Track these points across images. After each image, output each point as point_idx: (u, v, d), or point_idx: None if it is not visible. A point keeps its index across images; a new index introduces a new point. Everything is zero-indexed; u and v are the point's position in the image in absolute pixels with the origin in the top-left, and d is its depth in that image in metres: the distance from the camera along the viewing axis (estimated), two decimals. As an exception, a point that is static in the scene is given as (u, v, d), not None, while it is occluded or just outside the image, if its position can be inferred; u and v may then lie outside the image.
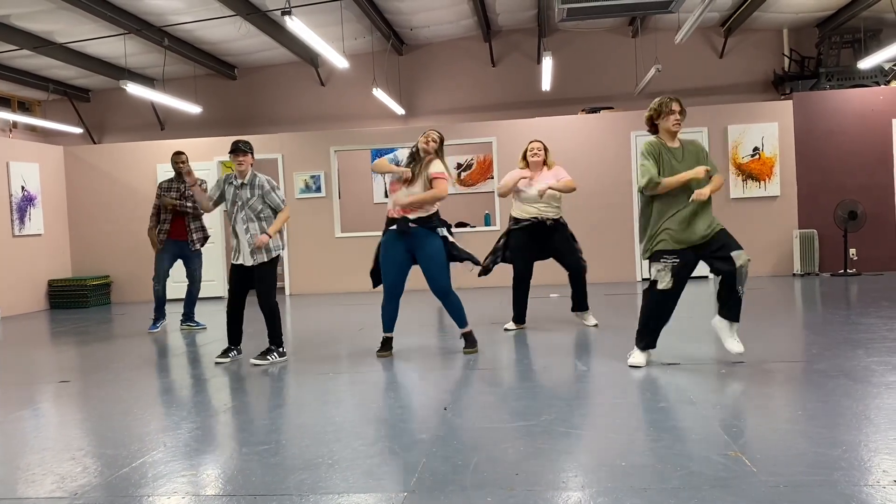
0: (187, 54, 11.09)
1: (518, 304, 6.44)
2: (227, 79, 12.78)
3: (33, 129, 13.04)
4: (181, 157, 7.39)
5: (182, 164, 7.38)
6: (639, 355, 4.70)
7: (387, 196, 5.35)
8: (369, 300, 9.37)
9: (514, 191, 6.26)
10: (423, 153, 5.33)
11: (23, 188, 10.37)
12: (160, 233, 7.30)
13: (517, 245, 6.26)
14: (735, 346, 4.52)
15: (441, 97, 12.40)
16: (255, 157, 5.55)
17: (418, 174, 5.25)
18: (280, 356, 5.47)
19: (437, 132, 5.42)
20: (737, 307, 4.52)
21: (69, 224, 11.36)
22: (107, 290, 11.16)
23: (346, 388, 4.61)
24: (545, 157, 6.27)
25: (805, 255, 10.02)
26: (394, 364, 5.21)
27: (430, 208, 5.28)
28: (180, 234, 7.31)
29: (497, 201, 10.69)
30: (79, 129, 12.74)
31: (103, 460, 3.27)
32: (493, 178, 10.94)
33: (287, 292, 11.00)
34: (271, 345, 5.47)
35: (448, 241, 5.35)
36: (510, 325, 6.51)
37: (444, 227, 5.35)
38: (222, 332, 7.12)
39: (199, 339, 6.98)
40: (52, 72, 11.78)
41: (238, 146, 5.42)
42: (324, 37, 8.44)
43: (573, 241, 6.34)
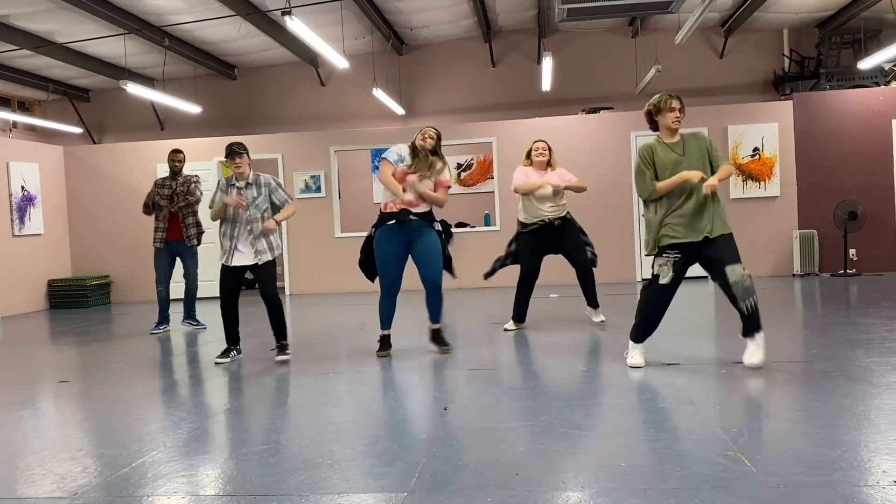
0: (187, 54, 11.09)
1: (520, 304, 6.45)
2: (227, 79, 12.78)
3: (33, 129, 13.04)
4: (178, 155, 7.39)
5: (179, 162, 7.39)
6: (637, 355, 4.69)
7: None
8: (369, 300, 9.36)
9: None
10: (421, 150, 5.33)
11: (23, 188, 10.37)
12: (157, 239, 7.28)
13: (526, 248, 6.31)
14: (747, 359, 4.38)
15: (441, 97, 12.39)
16: (251, 156, 5.54)
17: (427, 174, 5.27)
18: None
19: (435, 129, 5.42)
20: (748, 322, 4.40)
21: (69, 224, 11.36)
22: (107, 290, 11.16)
23: (346, 388, 4.62)
24: (550, 157, 6.31)
25: (805, 256, 10.02)
26: (394, 364, 5.22)
27: (426, 206, 5.32)
28: (176, 235, 7.30)
29: (497, 201, 10.69)
30: (79, 129, 12.74)
31: (103, 460, 3.27)
32: (492, 178, 10.94)
33: (287, 292, 11.00)
34: (282, 340, 5.53)
35: (442, 237, 5.39)
36: (510, 324, 6.51)
37: (439, 224, 5.40)
38: (222, 331, 7.14)
39: (199, 339, 6.97)
40: (52, 72, 11.78)
41: (233, 149, 5.36)
42: (324, 37, 8.43)
43: (582, 238, 6.36)
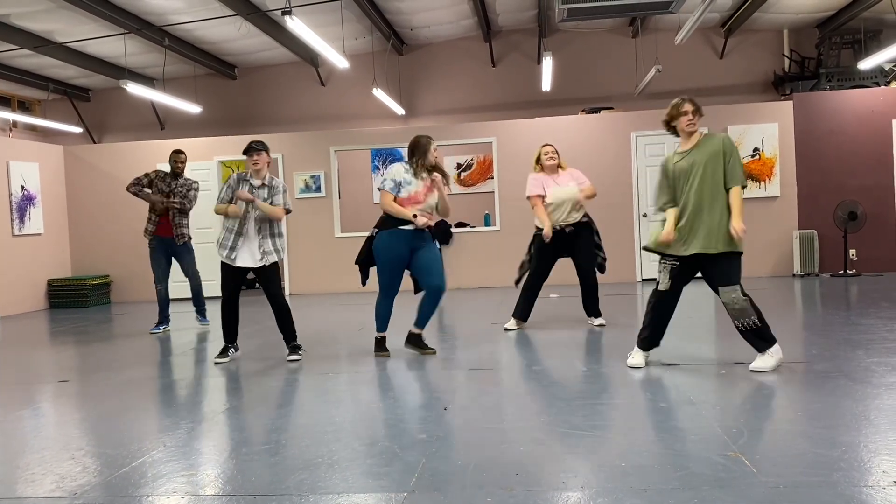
0: (187, 54, 11.09)
1: (525, 301, 6.47)
2: (228, 79, 12.78)
3: (33, 129, 13.03)
4: (181, 156, 7.37)
5: (182, 163, 7.37)
6: (638, 355, 4.69)
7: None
8: (369, 300, 9.35)
9: (547, 189, 6.37)
10: (428, 163, 5.37)
11: (23, 187, 10.36)
12: (147, 231, 7.27)
13: (539, 249, 6.38)
14: (752, 364, 4.37)
15: (441, 97, 12.39)
16: (270, 153, 5.52)
17: (433, 185, 5.36)
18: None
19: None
20: (750, 340, 4.38)
21: (69, 224, 11.35)
22: (107, 290, 11.16)
23: (345, 388, 4.62)
24: (559, 159, 6.39)
25: (805, 256, 10.02)
26: (394, 364, 5.22)
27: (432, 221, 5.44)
28: (167, 231, 7.26)
29: (497, 202, 10.69)
30: (79, 129, 12.73)
31: (103, 460, 3.27)
32: (492, 178, 10.93)
33: (287, 292, 10.99)
34: (293, 341, 5.54)
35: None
36: (510, 323, 6.51)
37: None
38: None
39: (200, 338, 6.97)
40: (52, 71, 11.77)
41: (251, 146, 5.41)
42: (324, 37, 8.43)
43: (594, 244, 6.36)
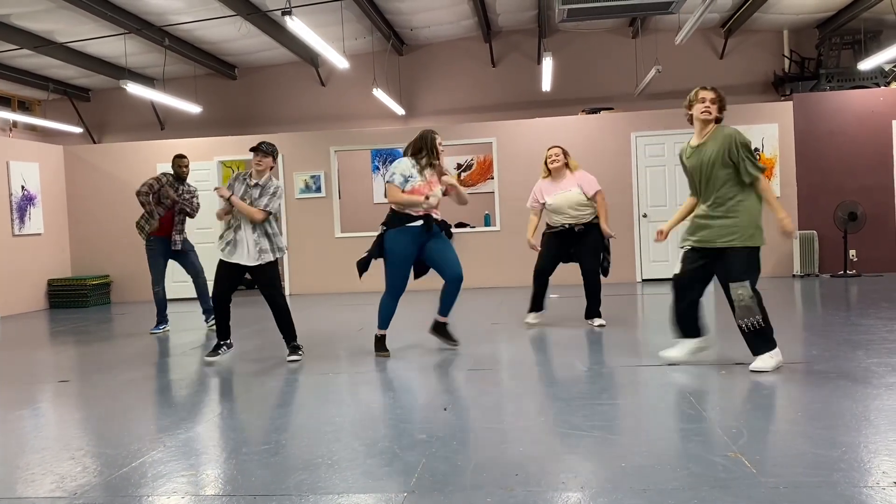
0: (187, 54, 11.09)
1: (535, 296, 6.55)
2: (228, 79, 12.78)
3: (33, 129, 13.03)
4: (185, 160, 7.31)
5: (186, 167, 7.33)
6: (674, 347, 4.69)
7: (386, 196, 5.37)
8: (369, 300, 9.35)
9: (542, 200, 6.42)
10: (438, 158, 5.41)
11: (23, 187, 10.36)
12: (145, 230, 7.20)
13: (546, 245, 6.46)
14: (755, 364, 4.36)
15: (441, 97, 12.40)
16: (276, 159, 5.51)
17: (435, 178, 5.38)
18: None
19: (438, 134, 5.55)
20: (748, 341, 4.36)
21: (69, 224, 11.35)
22: (106, 290, 11.15)
23: (345, 388, 4.61)
24: (566, 160, 6.36)
25: (805, 257, 10.02)
26: (393, 364, 5.22)
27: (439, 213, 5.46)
28: (167, 231, 7.21)
29: (497, 202, 10.68)
30: (79, 129, 12.73)
31: (103, 460, 3.27)
32: (492, 178, 10.93)
33: (287, 292, 10.98)
34: (293, 341, 5.53)
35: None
36: (530, 317, 6.56)
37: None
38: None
39: (200, 338, 6.97)
40: (53, 71, 11.78)
41: (259, 146, 5.41)
42: (324, 37, 8.43)
43: (600, 246, 6.32)
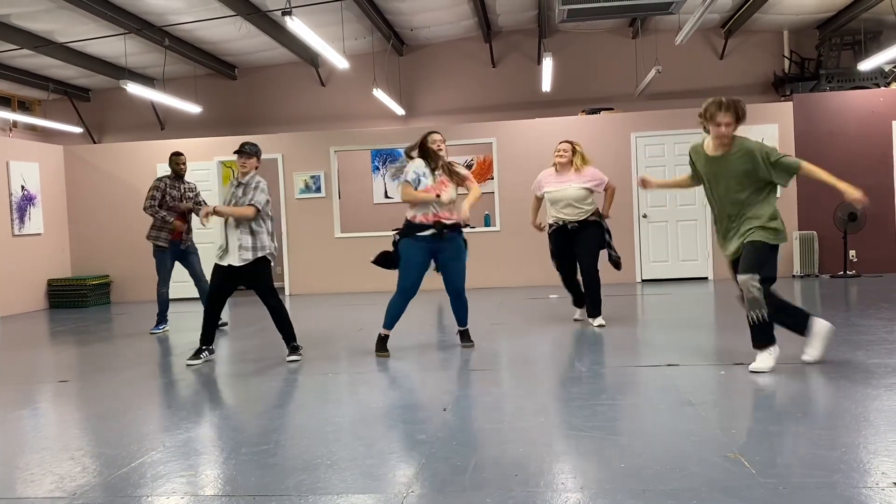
0: (187, 54, 11.09)
1: (571, 294, 6.61)
2: (228, 79, 12.78)
3: (33, 129, 13.03)
4: (182, 157, 7.33)
5: (184, 164, 7.34)
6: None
7: (387, 196, 5.37)
8: (369, 300, 9.37)
9: (541, 191, 6.43)
10: (439, 158, 5.43)
11: (23, 187, 10.37)
12: (164, 238, 7.14)
13: (553, 248, 6.50)
14: (752, 365, 4.37)
15: (441, 98, 12.39)
16: (260, 160, 5.51)
17: (448, 176, 5.39)
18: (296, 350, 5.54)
19: (439, 133, 5.55)
20: (753, 333, 4.38)
21: (69, 224, 11.35)
22: (106, 290, 11.16)
23: (345, 388, 4.62)
24: (573, 158, 6.33)
25: (805, 257, 10.02)
26: (393, 364, 5.22)
27: (455, 217, 5.45)
28: (177, 235, 7.21)
29: (497, 202, 10.68)
30: (79, 129, 12.73)
31: (102, 460, 3.27)
32: (492, 178, 10.93)
33: (287, 292, 10.99)
34: (292, 341, 5.52)
35: (465, 243, 5.54)
36: (577, 314, 6.60)
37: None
38: (228, 332, 7.13)
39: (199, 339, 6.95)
40: (53, 71, 11.77)
41: (242, 148, 5.41)
42: (324, 37, 8.43)
43: (599, 242, 6.31)
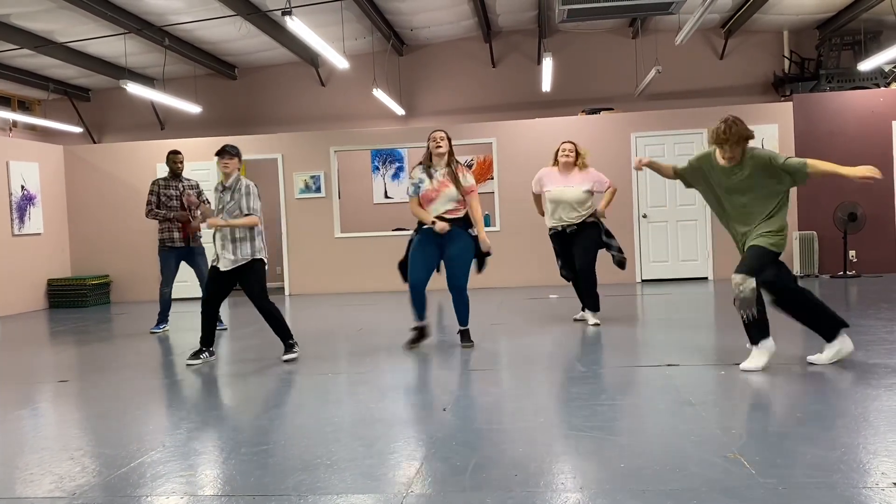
0: (187, 54, 11.09)
1: (580, 296, 6.56)
2: (228, 79, 12.78)
3: (33, 129, 13.03)
4: (179, 156, 7.35)
5: (181, 163, 7.36)
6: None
7: (387, 196, 5.39)
8: (369, 300, 9.37)
9: (543, 189, 6.43)
10: (436, 157, 5.45)
11: (22, 187, 10.37)
12: (172, 239, 7.12)
13: (556, 252, 6.51)
14: (743, 364, 4.41)
15: (441, 98, 12.39)
16: (242, 160, 5.51)
17: (448, 178, 5.40)
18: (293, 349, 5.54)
19: (443, 131, 5.54)
20: (747, 330, 4.41)
21: (69, 223, 11.35)
22: (106, 290, 11.15)
23: (344, 388, 4.62)
24: (576, 158, 6.35)
25: (805, 257, 10.02)
26: (393, 364, 5.22)
27: (461, 212, 5.48)
28: (192, 230, 7.24)
29: (497, 202, 10.68)
30: (79, 129, 12.74)
31: (102, 460, 3.27)
32: (492, 178, 10.93)
33: (287, 292, 10.99)
34: (287, 340, 5.52)
35: (474, 237, 5.54)
36: (591, 319, 6.44)
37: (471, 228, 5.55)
38: (227, 332, 7.13)
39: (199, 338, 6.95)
40: (53, 71, 11.77)
41: (224, 149, 5.41)
42: (324, 37, 8.43)
43: (594, 244, 6.30)
